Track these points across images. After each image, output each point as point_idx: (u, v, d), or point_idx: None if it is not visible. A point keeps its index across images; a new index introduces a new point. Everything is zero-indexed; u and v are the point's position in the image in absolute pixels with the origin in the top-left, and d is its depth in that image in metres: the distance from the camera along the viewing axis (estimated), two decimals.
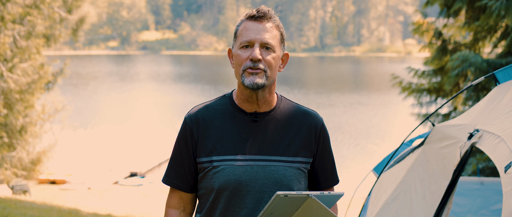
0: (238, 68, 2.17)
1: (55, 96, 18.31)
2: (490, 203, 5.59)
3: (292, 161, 2.21)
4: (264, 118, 2.23)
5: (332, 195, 1.96)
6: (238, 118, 2.22)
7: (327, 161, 2.32)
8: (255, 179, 2.16)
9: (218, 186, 2.17)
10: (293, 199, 1.91)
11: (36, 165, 17.43)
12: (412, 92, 11.04)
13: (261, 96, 2.20)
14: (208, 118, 2.23)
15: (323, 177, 2.32)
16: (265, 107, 2.23)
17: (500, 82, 4.05)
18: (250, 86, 2.14)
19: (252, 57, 2.13)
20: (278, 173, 2.18)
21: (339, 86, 47.00)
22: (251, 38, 2.15)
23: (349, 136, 27.31)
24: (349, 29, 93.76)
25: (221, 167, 2.17)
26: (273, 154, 2.19)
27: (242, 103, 2.23)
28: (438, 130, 4.41)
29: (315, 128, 2.27)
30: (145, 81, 50.61)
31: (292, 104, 2.31)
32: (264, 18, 2.18)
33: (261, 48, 2.15)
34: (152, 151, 23.70)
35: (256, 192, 2.17)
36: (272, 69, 2.17)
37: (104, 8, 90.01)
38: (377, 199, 4.98)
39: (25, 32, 14.67)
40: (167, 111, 34.77)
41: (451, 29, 10.38)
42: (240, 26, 2.20)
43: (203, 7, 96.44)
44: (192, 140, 2.22)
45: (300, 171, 2.23)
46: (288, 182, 2.19)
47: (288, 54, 2.28)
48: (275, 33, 2.19)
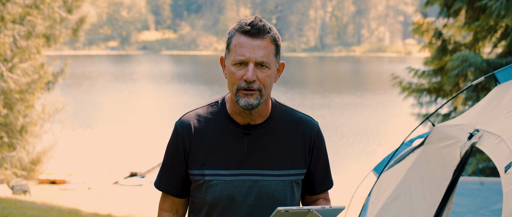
0: (232, 86, 2.10)
1: (55, 96, 18.31)
2: (490, 203, 5.59)
3: (285, 174, 2.18)
4: (257, 130, 2.18)
5: (333, 209, 1.93)
6: (230, 130, 2.17)
7: (321, 166, 2.29)
8: (247, 194, 2.15)
9: (210, 201, 2.16)
10: (294, 214, 1.89)
11: (36, 165, 17.44)
12: (412, 92, 11.03)
13: (255, 111, 2.16)
14: (199, 128, 2.18)
15: (318, 183, 2.29)
16: (259, 119, 2.18)
17: (500, 82, 4.04)
18: (245, 107, 2.09)
19: (246, 78, 2.06)
20: (271, 188, 2.15)
21: (338, 86, 46.99)
22: (246, 57, 2.06)
23: (349, 136, 27.30)
24: (349, 29, 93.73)
25: (213, 182, 2.15)
26: (266, 168, 2.16)
27: (235, 115, 2.18)
28: (438, 130, 4.41)
29: (309, 136, 2.23)
30: (145, 81, 50.59)
31: (287, 111, 2.25)
32: (258, 34, 2.08)
33: (256, 66, 2.08)
34: (152, 151, 23.68)
35: (248, 207, 2.15)
36: (267, 87, 2.11)
37: (104, 8, 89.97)
38: (377, 199, 4.98)
39: (25, 32, 14.67)
40: (167, 111, 34.76)
41: (451, 29, 10.38)
42: (233, 39, 2.10)
43: (203, 7, 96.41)
44: (183, 149, 2.19)
45: (293, 183, 2.20)
46: (280, 196, 2.17)
47: (283, 63, 2.21)
48: (270, 48, 2.09)
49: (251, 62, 2.07)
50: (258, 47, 2.07)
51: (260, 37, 2.08)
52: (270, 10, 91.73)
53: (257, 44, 2.08)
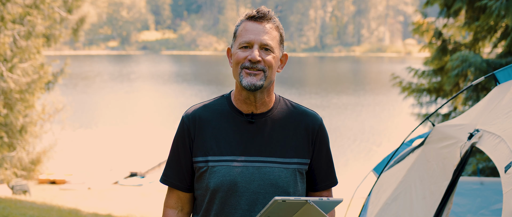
0: (236, 67, 2.17)
1: (56, 96, 18.31)
2: (490, 203, 5.59)
3: (288, 162, 2.19)
4: (261, 119, 2.22)
5: (331, 201, 1.93)
6: (235, 118, 2.21)
7: (324, 162, 2.29)
8: (250, 181, 2.15)
9: (213, 187, 2.16)
10: (291, 205, 1.89)
11: (36, 165, 17.42)
12: (412, 92, 11.03)
13: (259, 98, 2.19)
14: (205, 118, 2.23)
15: (320, 178, 2.29)
16: (263, 108, 2.22)
17: (500, 82, 4.05)
18: (248, 87, 2.14)
19: (251, 58, 2.13)
20: (274, 175, 2.16)
21: (338, 86, 47.00)
22: (251, 39, 2.15)
23: (349, 136, 27.30)
24: (349, 29, 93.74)
25: (216, 168, 2.16)
26: (269, 155, 2.18)
27: (239, 103, 2.22)
28: (438, 130, 4.41)
29: (312, 128, 2.26)
30: (145, 81, 50.60)
31: (291, 104, 2.30)
32: (264, 19, 2.18)
33: (261, 49, 2.15)
34: (152, 151, 23.69)
35: (251, 194, 2.15)
36: (272, 69, 2.16)
37: (104, 8, 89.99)
38: (377, 199, 4.98)
39: (25, 32, 14.67)
40: (167, 111, 34.77)
41: (451, 29, 10.38)
42: (239, 26, 2.20)
43: (203, 7, 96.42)
44: (189, 138, 2.22)
45: (297, 172, 2.21)
46: (284, 183, 2.17)
47: (287, 54, 2.28)
48: (274, 34, 2.18)
49: (256, 44, 2.15)
50: (263, 31, 2.17)
51: (265, 21, 2.18)
52: None
53: (262, 27, 2.17)
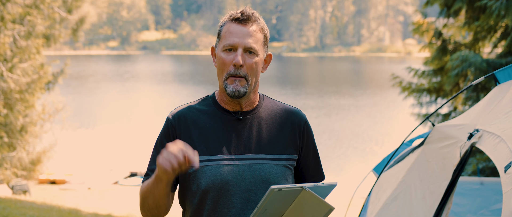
0: (221, 73, 2.18)
1: (56, 96, 18.31)
2: (490, 203, 5.59)
3: (277, 158, 2.20)
4: (248, 116, 2.23)
5: (326, 186, 1.98)
6: (221, 117, 2.22)
7: (312, 157, 2.32)
8: (241, 178, 2.15)
9: (204, 187, 2.15)
10: (287, 193, 1.92)
11: (36, 165, 17.42)
12: (412, 92, 11.04)
13: (243, 101, 2.22)
14: (190, 118, 2.23)
15: (309, 174, 2.32)
16: (248, 106, 2.24)
17: (500, 82, 4.05)
18: (232, 94, 2.15)
19: (235, 62, 2.13)
20: (265, 171, 2.17)
21: (338, 86, 46.99)
22: (235, 42, 2.14)
23: (349, 135, 27.30)
24: (349, 29, 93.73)
25: (206, 168, 2.15)
26: (259, 152, 2.19)
27: (224, 103, 2.24)
28: (438, 130, 4.41)
29: (298, 124, 2.28)
30: (145, 81, 50.60)
31: (274, 102, 2.32)
32: (248, 21, 2.17)
33: (244, 52, 2.15)
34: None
35: (243, 191, 2.15)
36: (254, 74, 2.17)
37: (104, 8, 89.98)
38: (377, 199, 4.98)
39: (25, 32, 14.67)
40: (167, 111, 34.64)
41: (451, 29, 10.38)
42: (223, 27, 2.19)
43: (203, 7, 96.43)
44: (174, 137, 2.20)
45: (286, 168, 2.22)
46: (275, 179, 2.18)
47: (271, 54, 2.28)
48: (258, 36, 2.18)
49: (240, 47, 2.15)
50: (248, 34, 2.16)
51: (249, 24, 2.17)
52: (270, 10, 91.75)
53: (246, 30, 2.16)
